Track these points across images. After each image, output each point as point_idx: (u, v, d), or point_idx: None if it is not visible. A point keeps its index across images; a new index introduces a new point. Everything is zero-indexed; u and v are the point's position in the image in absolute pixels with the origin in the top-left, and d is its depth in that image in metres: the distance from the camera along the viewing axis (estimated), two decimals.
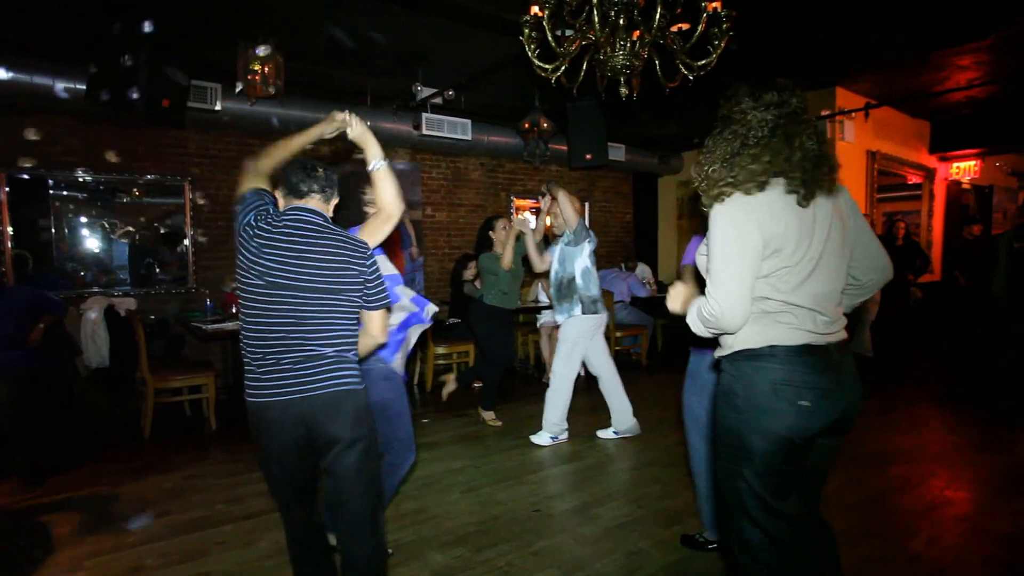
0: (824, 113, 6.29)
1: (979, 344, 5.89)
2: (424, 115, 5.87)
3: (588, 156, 5.74)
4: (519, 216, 4.14)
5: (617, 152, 7.17)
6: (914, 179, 8.22)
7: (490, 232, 4.48)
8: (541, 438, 3.89)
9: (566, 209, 3.89)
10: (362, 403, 1.75)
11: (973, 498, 3.05)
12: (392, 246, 6.07)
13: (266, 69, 4.27)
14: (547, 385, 4.03)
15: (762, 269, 1.45)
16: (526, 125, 5.92)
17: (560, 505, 2.97)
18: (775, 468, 1.49)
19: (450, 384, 4.67)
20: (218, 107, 4.79)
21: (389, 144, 6.19)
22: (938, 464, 3.49)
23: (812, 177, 1.44)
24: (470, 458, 3.67)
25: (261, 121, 5.08)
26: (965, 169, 8.50)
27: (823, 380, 1.46)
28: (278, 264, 1.67)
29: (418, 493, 3.14)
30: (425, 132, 5.89)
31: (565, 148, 6.22)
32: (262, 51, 4.20)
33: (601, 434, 4.02)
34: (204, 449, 3.93)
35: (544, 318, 6.17)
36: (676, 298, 1.64)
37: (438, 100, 5.94)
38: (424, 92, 5.83)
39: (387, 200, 2.04)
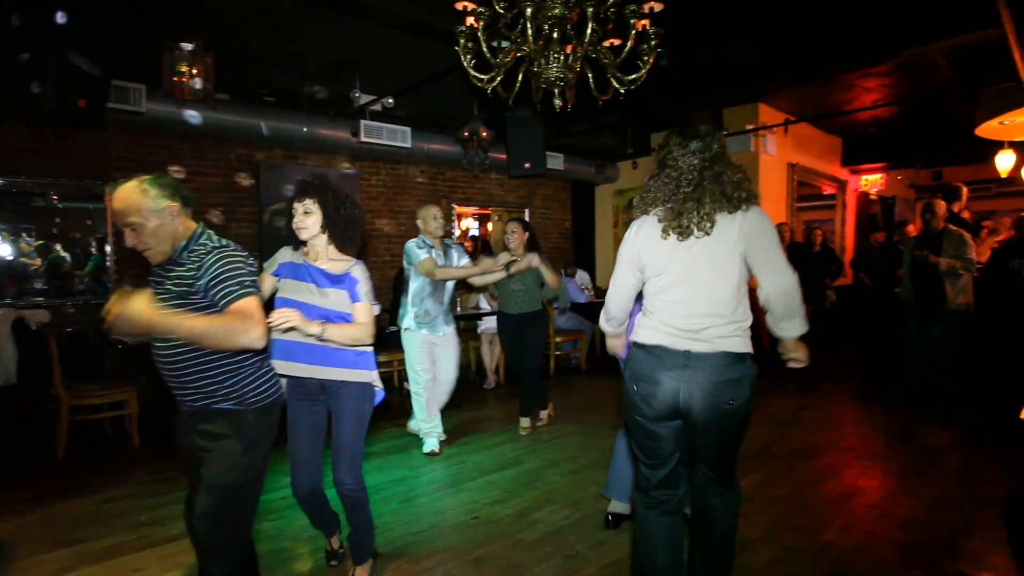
0: (748, 127, 6.59)
1: (884, 343, 6.30)
2: (363, 122, 5.75)
3: (527, 165, 5.78)
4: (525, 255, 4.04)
5: (555, 161, 7.26)
6: (829, 190, 8.74)
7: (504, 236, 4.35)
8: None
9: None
10: None
11: (881, 486, 3.24)
12: None
13: (194, 70, 4.07)
14: (489, 391, 4.01)
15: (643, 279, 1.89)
16: (465, 133, 5.90)
17: (499, 511, 2.95)
18: (639, 440, 1.92)
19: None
20: (143, 108, 4.53)
21: (327, 151, 6.05)
22: (852, 456, 3.70)
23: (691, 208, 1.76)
24: (408, 468, 3.61)
25: (190, 124, 4.83)
26: (872, 181, 9.11)
27: (660, 374, 1.78)
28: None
29: None
30: (364, 139, 5.76)
31: (504, 156, 6.24)
32: (189, 50, 4.00)
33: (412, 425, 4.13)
34: (125, 469, 3.66)
35: (485, 324, 6.16)
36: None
37: (377, 107, 5.85)
38: (363, 99, 5.74)
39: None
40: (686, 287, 1.78)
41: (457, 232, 7.58)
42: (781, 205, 7.23)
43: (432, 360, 3.88)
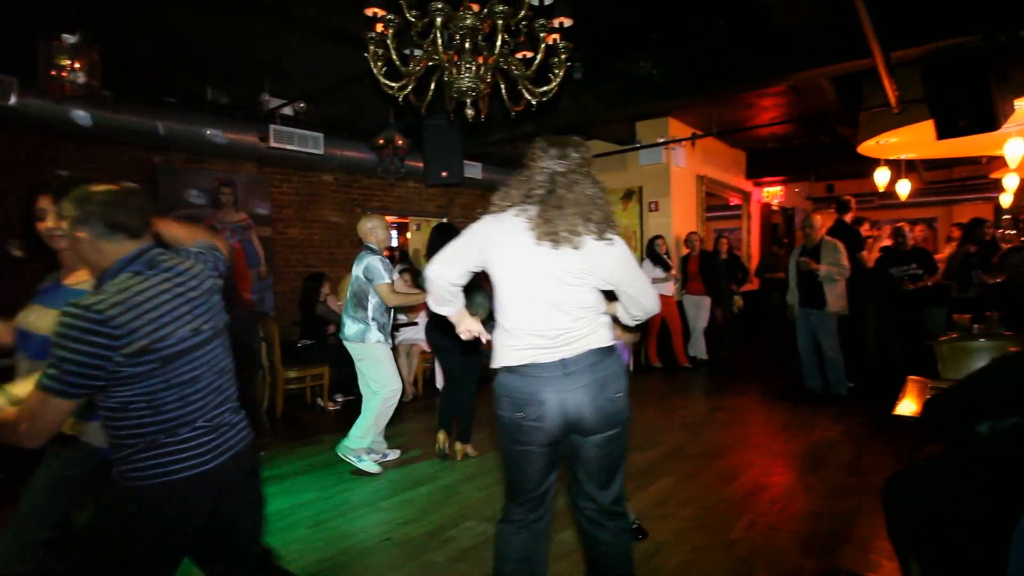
0: (660, 140, 6.91)
1: (782, 345, 6.77)
2: (272, 126, 5.53)
3: (444, 174, 5.75)
4: None
5: (473, 170, 7.28)
6: (735, 200, 9.31)
7: None
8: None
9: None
10: None
11: (783, 481, 3.46)
12: (239, 265, 5.64)
13: (76, 64, 3.75)
14: (407, 404, 3.92)
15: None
16: (380, 141, 5.81)
17: (413, 531, 2.88)
18: (518, 467, 1.83)
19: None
20: (12, 102, 4.11)
21: (234, 156, 5.74)
22: (756, 454, 3.92)
23: (556, 221, 1.69)
24: (319, 489, 3.46)
25: (71, 122, 4.43)
26: (773, 193, 9.80)
27: (542, 393, 1.73)
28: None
29: None
30: (273, 144, 5.54)
31: (421, 165, 6.18)
32: (71, 43, 3.68)
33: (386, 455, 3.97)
34: None
35: (402, 336, 6.05)
36: None
37: (288, 111, 5.64)
38: (272, 102, 5.52)
39: None
40: (550, 299, 1.72)
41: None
42: (692, 214, 7.62)
43: None
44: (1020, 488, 1.13)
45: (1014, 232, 6.15)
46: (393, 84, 2.97)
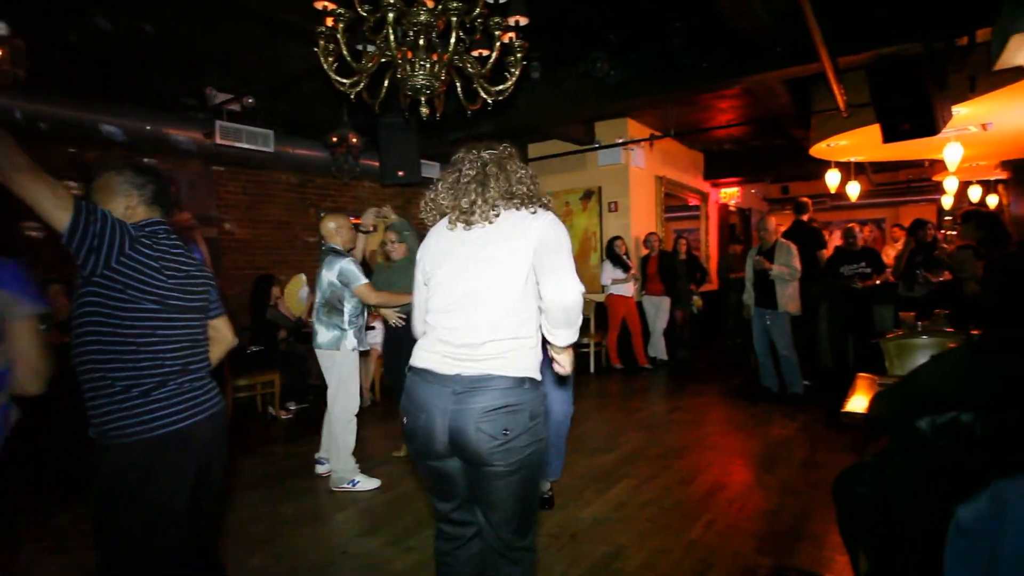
0: (618, 140, 7.01)
1: (740, 345, 6.97)
2: (218, 122, 5.37)
3: (400, 173, 5.70)
4: None
5: (431, 170, 7.22)
6: (693, 201, 9.52)
7: None
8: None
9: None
10: None
11: (740, 479, 3.55)
12: None
13: None
14: (364, 410, 3.85)
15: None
16: (334, 139, 5.72)
17: (370, 542, 2.83)
18: (424, 474, 1.73)
19: None
20: None
21: (177, 153, 5.54)
22: (715, 453, 4.01)
23: (462, 208, 1.65)
24: (269, 502, 3.36)
25: None
26: (731, 194, 10.07)
27: (427, 403, 1.59)
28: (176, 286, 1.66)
29: None
30: (220, 141, 5.38)
31: (377, 164, 6.11)
32: None
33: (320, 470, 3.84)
34: None
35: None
36: None
37: (236, 107, 5.48)
38: (219, 97, 5.35)
39: None
40: (462, 297, 1.61)
41: None
42: (651, 215, 7.76)
43: None
44: (957, 482, 1.19)
45: (954, 233, 6.48)
46: (345, 81, 2.92)
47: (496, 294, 1.59)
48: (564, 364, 1.66)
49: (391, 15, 2.66)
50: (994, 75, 3.95)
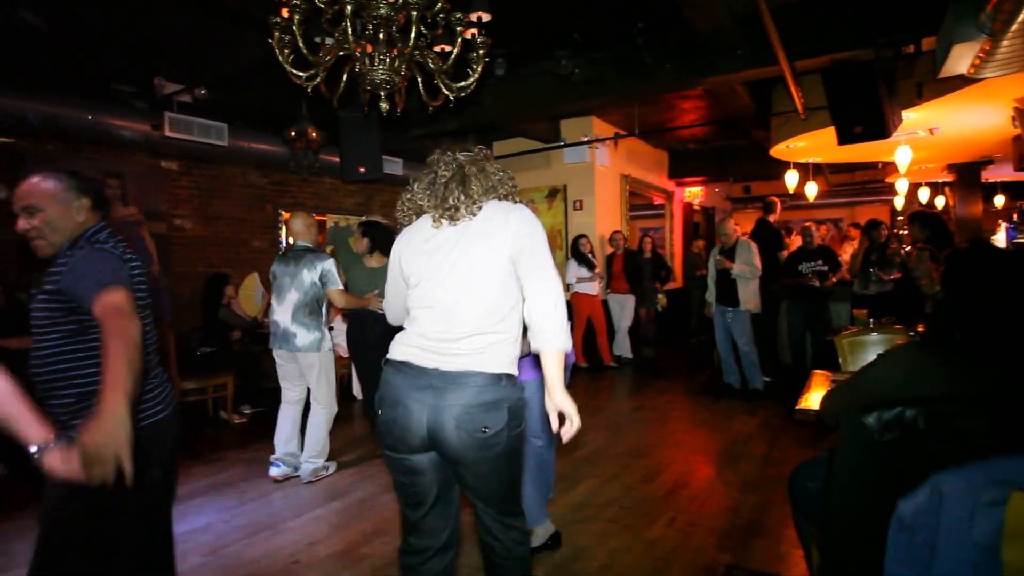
0: (583, 139, 7.08)
1: (703, 343, 7.13)
2: (167, 114, 5.21)
3: (362, 169, 5.61)
4: None
5: (394, 166, 7.16)
6: (658, 200, 9.67)
7: None
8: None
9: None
10: None
11: (702, 477, 3.63)
12: None
13: None
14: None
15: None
16: (292, 133, 5.60)
17: (323, 550, 2.78)
18: (393, 475, 1.72)
19: None
20: None
21: (122, 145, 5.34)
22: (677, 451, 4.09)
23: (445, 204, 1.67)
24: (219, 511, 3.26)
25: None
26: (695, 194, 10.27)
27: (405, 396, 1.60)
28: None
29: None
30: (169, 134, 5.22)
31: (338, 159, 6.01)
32: None
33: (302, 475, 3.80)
34: None
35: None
36: None
37: (187, 99, 5.32)
38: (168, 88, 5.19)
39: None
40: (443, 291, 1.63)
41: (288, 240, 7.11)
42: (616, 213, 7.85)
43: None
44: (901, 476, 1.24)
45: (905, 232, 6.77)
46: (301, 74, 2.87)
47: (476, 291, 1.62)
48: (569, 412, 1.53)
49: (349, 7, 2.62)
50: (939, 82, 4.14)
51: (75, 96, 4.75)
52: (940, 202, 9.73)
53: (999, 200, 9.48)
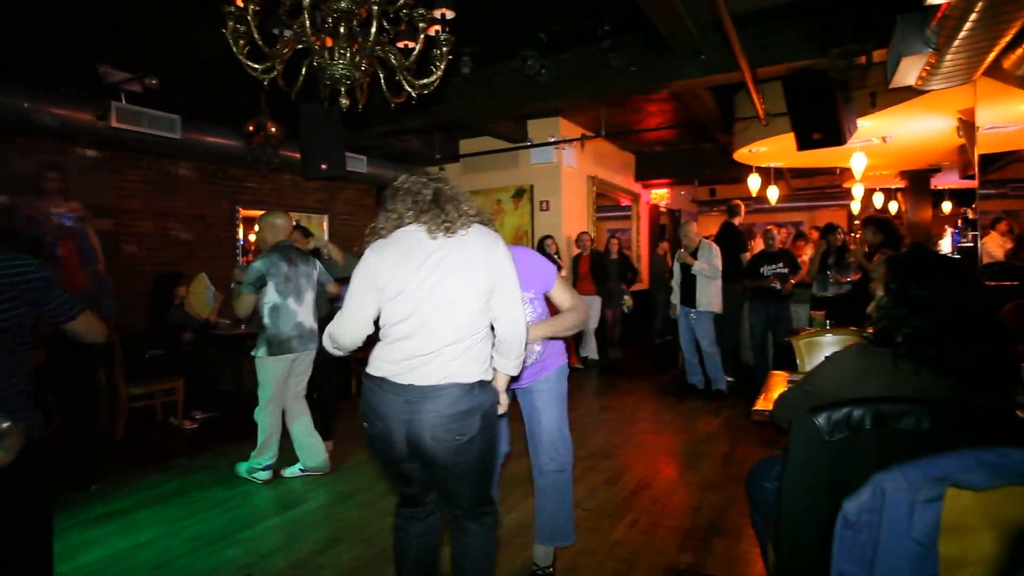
0: (550, 139, 7.13)
1: (669, 343, 7.26)
2: (114, 104, 5.04)
3: (324, 166, 5.54)
4: None
5: (358, 163, 7.09)
6: (625, 202, 9.80)
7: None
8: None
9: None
10: None
11: (665, 477, 3.70)
12: (69, 262, 5.10)
13: None
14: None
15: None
16: (250, 128, 5.50)
17: (277, 562, 2.72)
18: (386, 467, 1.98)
19: None
20: None
21: (64, 135, 5.15)
22: (641, 452, 4.16)
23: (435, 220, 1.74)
24: (166, 523, 3.15)
25: None
26: (661, 196, 10.43)
27: (385, 411, 1.74)
28: None
29: None
30: (116, 124, 5.05)
31: (299, 156, 5.92)
32: None
33: (286, 472, 3.80)
34: None
35: None
36: None
37: (137, 88, 5.16)
38: (115, 76, 5.02)
39: None
40: (422, 310, 1.70)
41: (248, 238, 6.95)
42: (582, 214, 7.93)
43: None
44: (849, 475, 1.30)
45: (859, 236, 7.05)
46: (257, 66, 2.82)
47: (455, 310, 1.71)
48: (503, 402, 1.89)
49: None
50: (891, 92, 4.33)
51: (10, 82, 4.55)
52: (893, 207, 10.14)
53: (946, 206, 9.92)
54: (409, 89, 3.00)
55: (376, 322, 1.83)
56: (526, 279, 2.37)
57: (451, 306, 1.71)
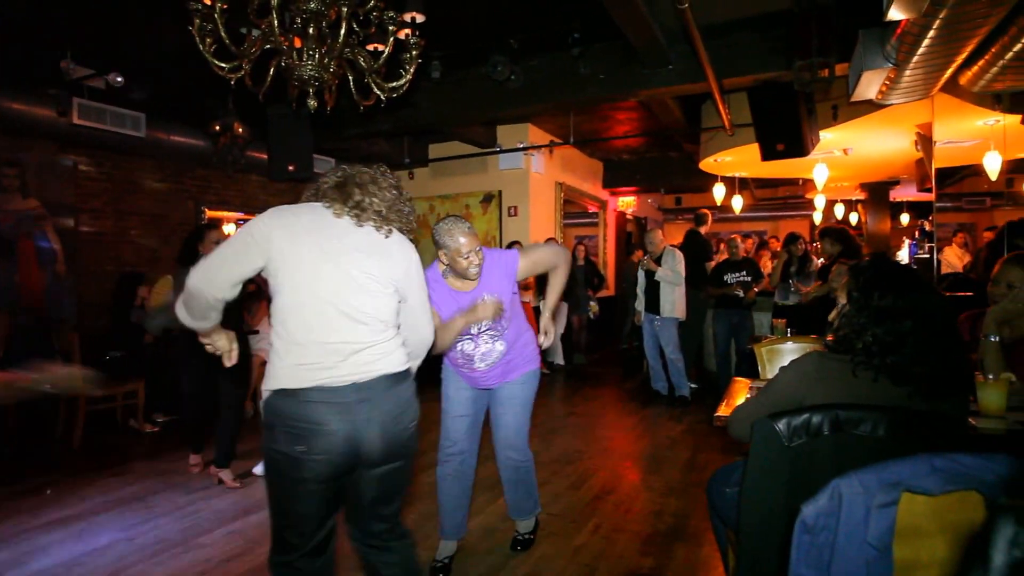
0: (519, 145, 7.13)
1: (634, 349, 7.31)
2: (76, 100, 4.87)
3: (291, 168, 5.43)
4: None
5: (325, 166, 6.96)
6: (592, 208, 9.86)
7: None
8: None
9: None
10: None
11: (628, 482, 3.70)
12: (26, 262, 4.89)
13: None
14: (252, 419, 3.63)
15: None
16: (216, 128, 5.36)
17: (238, 567, 2.64)
18: (294, 509, 1.65)
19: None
20: None
21: (20, 131, 4.94)
22: (605, 457, 4.16)
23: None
24: (123, 529, 3.04)
25: None
26: (628, 203, 10.53)
27: (328, 421, 1.56)
28: None
29: None
30: (78, 121, 4.88)
31: (266, 157, 5.80)
32: None
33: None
34: None
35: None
36: None
37: (100, 85, 4.99)
38: (78, 72, 4.84)
39: None
40: (345, 306, 1.56)
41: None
42: (550, 221, 7.95)
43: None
44: (808, 480, 1.30)
45: (817, 245, 7.22)
46: (224, 65, 2.74)
47: (374, 309, 1.62)
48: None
49: None
50: (852, 106, 4.44)
51: None
52: (854, 218, 10.41)
53: (905, 218, 10.23)
54: (378, 92, 2.96)
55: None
56: (499, 282, 2.36)
57: (369, 294, 1.61)
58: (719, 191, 7.84)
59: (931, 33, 2.80)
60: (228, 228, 9.28)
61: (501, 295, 2.38)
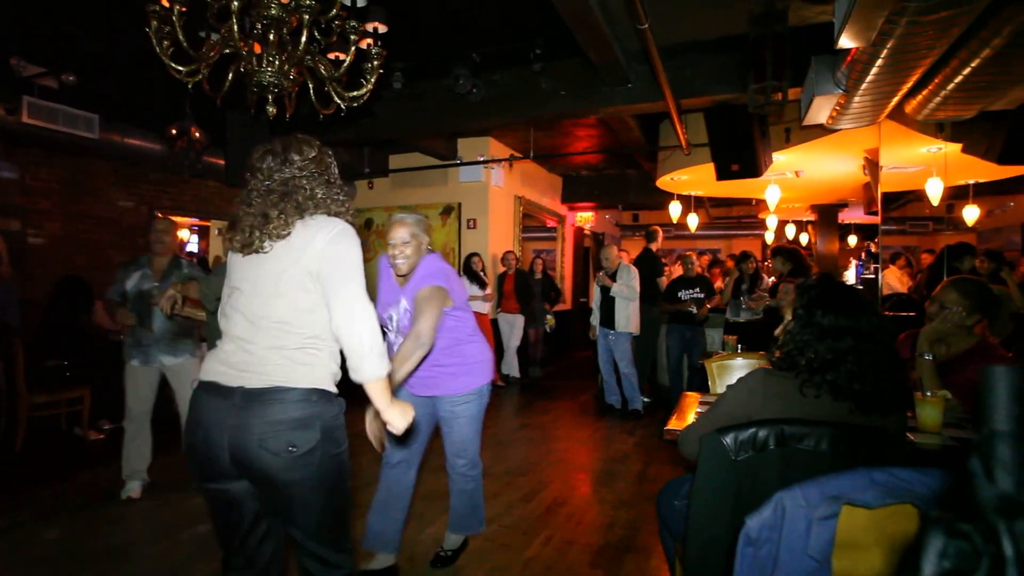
0: (480, 158, 7.13)
1: (588, 363, 7.34)
2: (26, 98, 4.64)
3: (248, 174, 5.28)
4: None
5: None
6: (551, 223, 9.92)
7: None
8: None
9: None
10: None
11: (580, 495, 3.68)
12: None
13: None
14: None
15: None
16: (173, 131, 5.18)
17: (203, 569, 2.52)
18: (210, 508, 1.59)
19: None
20: None
21: None
22: (558, 469, 4.13)
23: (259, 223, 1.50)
24: (64, 538, 2.87)
25: None
26: (586, 219, 10.64)
27: (207, 418, 1.47)
28: None
29: None
30: (27, 120, 4.65)
31: (223, 162, 5.63)
32: None
33: None
34: None
35: None
36: None
37: (52, 84, 4.77)
38: (29, 70, 4.63)
39: None
40: (249, 307, 1.50)
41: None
42: (509, 234, 7.96)
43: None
44: (754, 494, 1.30)
45: (769, 263, 7.43)
46: (181, 68, 2.65)
47: (278, 308, 1.48)
48: (394, 421, 1.47)
49: (236, 3, 2.46)
50: (804, 129, 4.59)
51: None
52: (804, 238, 10.75)
53: (852, 239, 10.58)
54: (338, 101, 2.90)
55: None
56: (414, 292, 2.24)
57: (273, 303, 1.48)
58: (675, 209, 7.99)
59: (879, 62, 2.91)
60: (182, 233, 9.02)
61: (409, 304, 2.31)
